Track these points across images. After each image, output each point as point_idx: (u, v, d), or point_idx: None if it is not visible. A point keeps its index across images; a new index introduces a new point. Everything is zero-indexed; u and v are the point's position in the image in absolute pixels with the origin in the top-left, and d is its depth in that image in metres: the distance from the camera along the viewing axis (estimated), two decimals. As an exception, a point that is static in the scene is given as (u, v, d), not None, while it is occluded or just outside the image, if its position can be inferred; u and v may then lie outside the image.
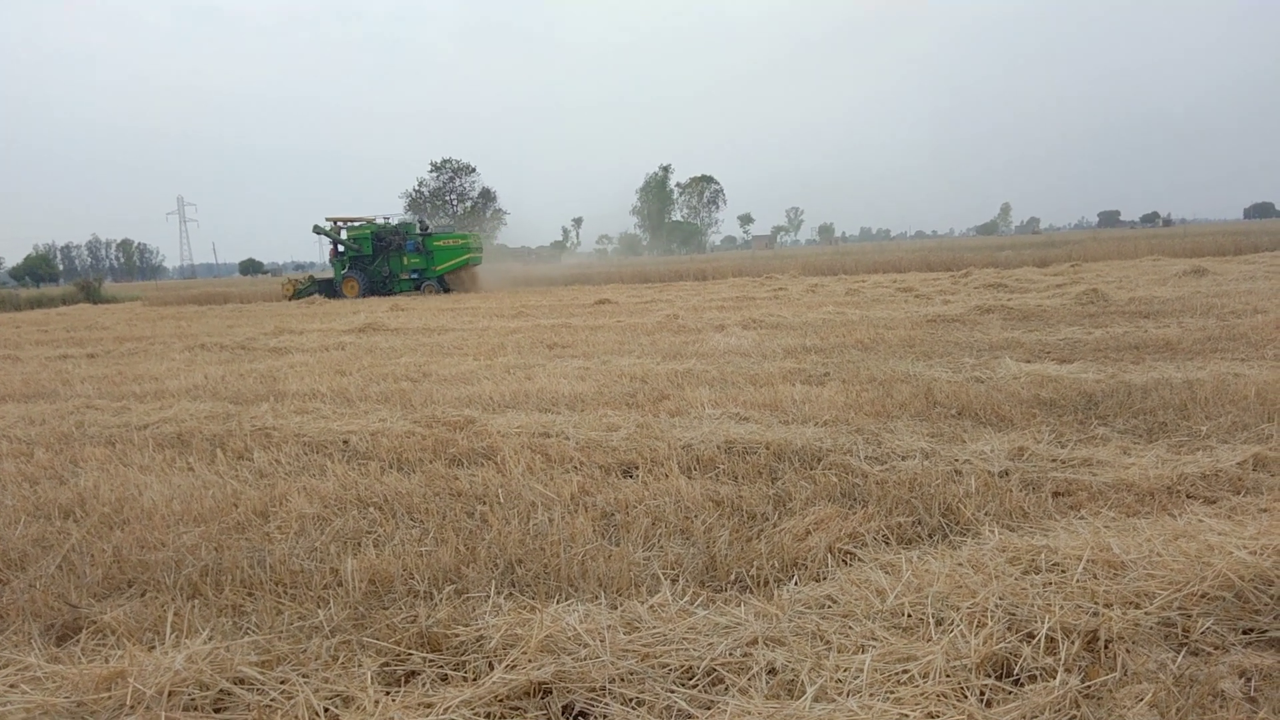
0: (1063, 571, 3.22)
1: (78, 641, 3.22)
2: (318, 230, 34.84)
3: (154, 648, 3.01)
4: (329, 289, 34.21)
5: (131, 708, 2.57)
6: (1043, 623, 2.81)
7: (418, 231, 34.50)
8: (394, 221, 35.01)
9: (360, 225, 34.81)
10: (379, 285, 33.73)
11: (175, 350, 13.99)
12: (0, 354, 14.83)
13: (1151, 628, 2.77)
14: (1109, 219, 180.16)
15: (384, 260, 34.03)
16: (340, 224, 35.00)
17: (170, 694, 2.61)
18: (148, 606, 3.52)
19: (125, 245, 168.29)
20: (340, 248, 34.59)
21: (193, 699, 2.63)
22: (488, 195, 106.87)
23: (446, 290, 32.90)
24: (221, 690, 2.68)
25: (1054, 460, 4.94)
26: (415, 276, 33.58)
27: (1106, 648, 2.68)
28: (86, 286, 47.34)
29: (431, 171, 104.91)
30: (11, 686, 2.75)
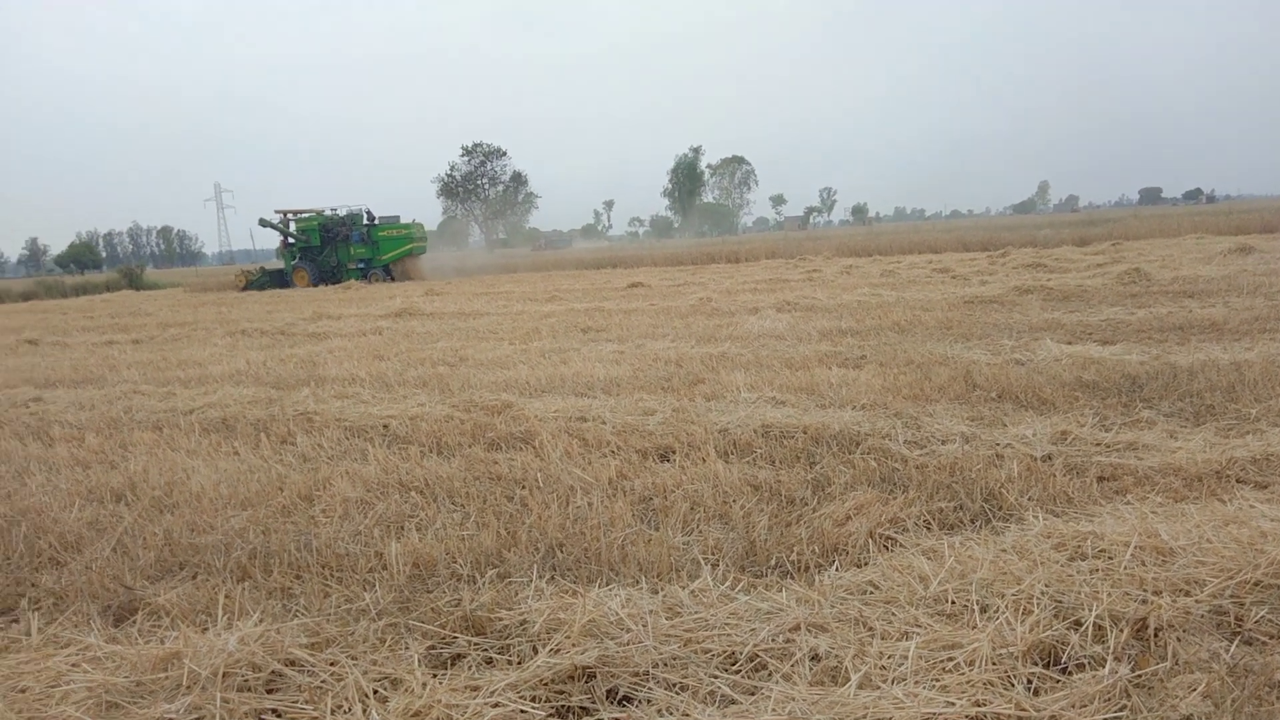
0: (1110, 558, 3.18)
1: (134, 623, 3.30)
2: (264, 223, 35.76)
3: (207, 629, 3.08)
4: (280, 279, 34.87)
5: (188, 688, 2.63)
6: (1090, 610, 2.78)
7: (364, 222, 35.01)
8: (342, 213, 35.57)
9: (309, 217, 35.45)
10: (328, 275, 34.38)
11: (217, 336, 14.22)
12: (50, 340, 15.18)
13: (1203, 616, 2.73)
14: (1150, 196, 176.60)
15: (332, 250, 34.77)
16: (289, 216, 35.72)
17: (224, 675, 2.67)
18: (199, 589, 3.60)
19: (165, 232, 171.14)
20: (290, 239, 35.30)
21: (246, 680, 2.69)
22: (519, 179, 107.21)
23: (392, 278, 33.59)
24: (273, 671, 2.74)
25: (1098, 444, 4.87)
26: (362, 266, 34.26)
27: (1156, 636, 2.64)
28: (129, 273, 48.24)
29: (463, 155, 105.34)
30: (74, 666, 2.84)
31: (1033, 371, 6.90)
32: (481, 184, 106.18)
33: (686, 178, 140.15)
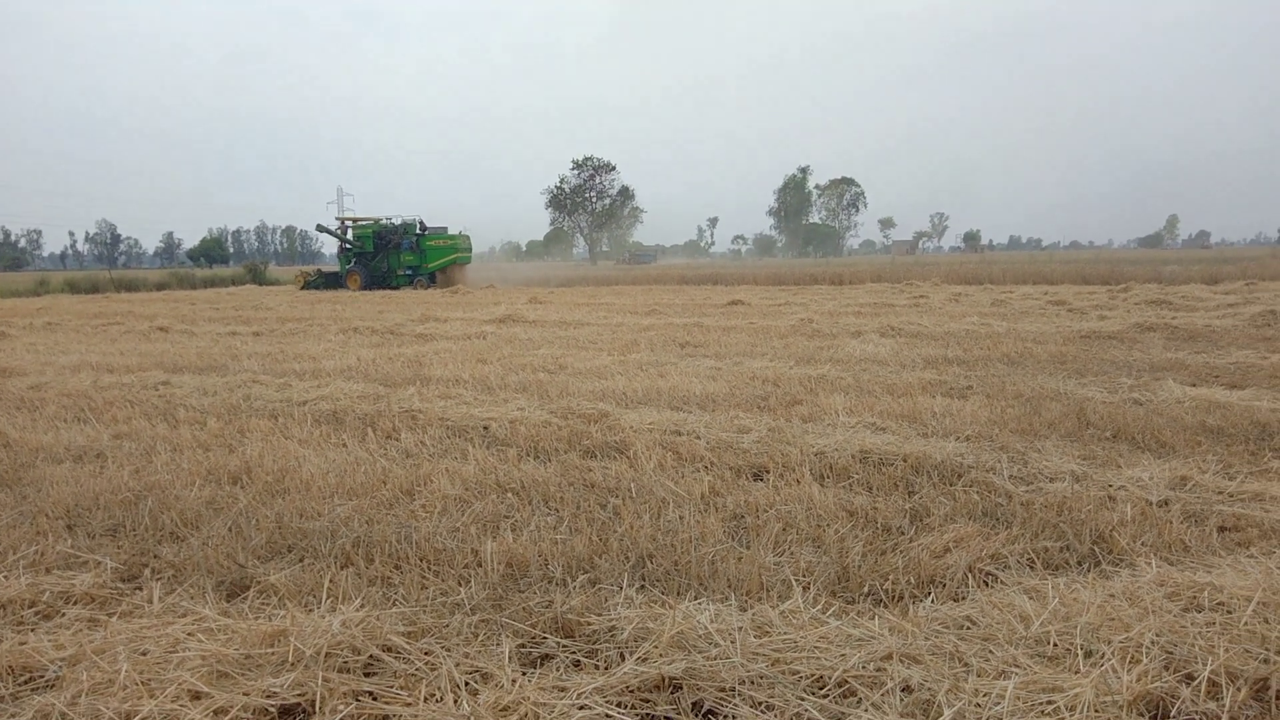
0: (1229, 612, 3.00)
1: (245, 599, 3.48)
2: (320, 229, 37.94)
3: (312, 610, 3.22)
4: (336, 281, 36.75)
5: (292, 665, 2.76)
6: (1205, 664, 2.63)
7: (416, 231, 36.50)
8: (397, 222, 37.23)
9: (366, 224, 37.35)
10: (379, 279, 36.09)
11: (331, 332, 14.86)
12: (179, 328, 16.15)
13: (1333, 682, 2.55)
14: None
15: (384, 257, 36.45)
16: (347, 223, 37.79)
17: (327, 655, 2.79)
18: (306, 571, 3.77)
19: (289, 231, 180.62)
20: (346, 245, 37.29)
21: (346, 662, 2.80)
22: (626, 193, 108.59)
23: (435, 285, 35.14)
24: (372, 656, 2.85)
25: (1220, 493, 4.60)
26: (410, 273, 35.96)
27: (1279, 698, 2.48)
28: (254, 269, 51.03)
29: (573, 169, 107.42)
30: (190, 635, 3.01)
31: (1152, 412, 6.57)
32: (589, 197, 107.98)
33: (793, 197, 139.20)
